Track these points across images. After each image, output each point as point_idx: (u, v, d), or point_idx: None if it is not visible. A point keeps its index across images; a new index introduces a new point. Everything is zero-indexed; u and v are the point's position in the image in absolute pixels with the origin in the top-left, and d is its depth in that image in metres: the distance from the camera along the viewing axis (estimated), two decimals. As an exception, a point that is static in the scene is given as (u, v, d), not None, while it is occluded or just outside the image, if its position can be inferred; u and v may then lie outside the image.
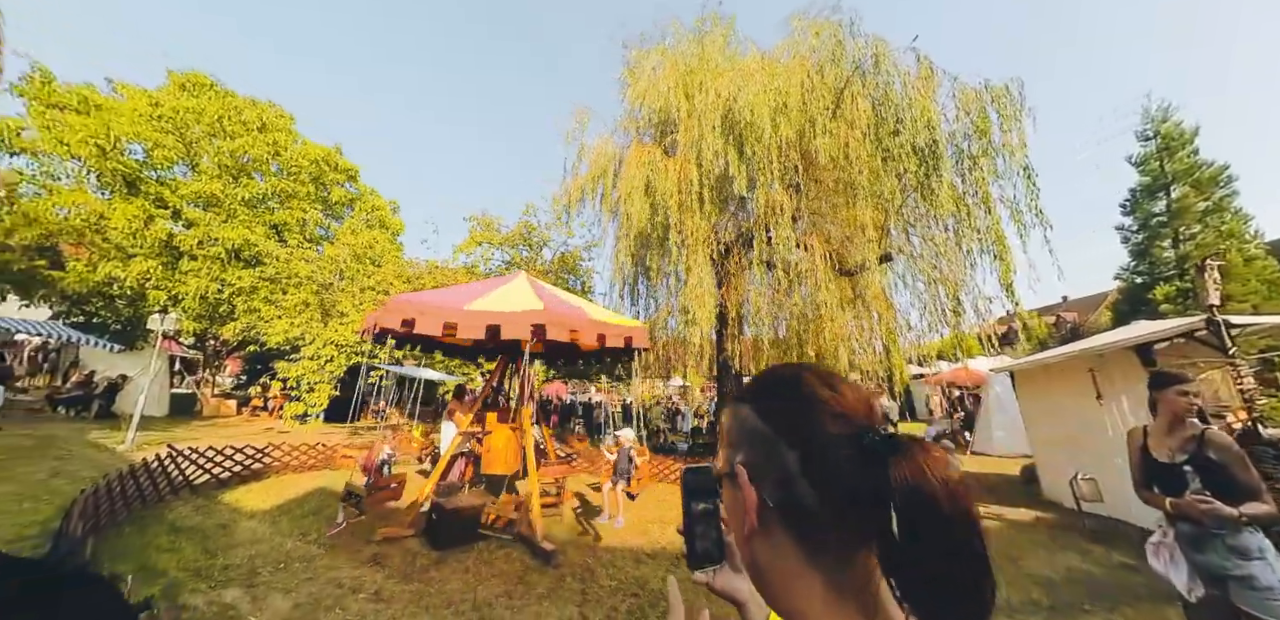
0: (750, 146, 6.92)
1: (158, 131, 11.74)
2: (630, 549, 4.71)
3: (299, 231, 13.54)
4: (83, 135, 10.53)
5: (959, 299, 7.31)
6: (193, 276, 10.89)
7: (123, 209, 10.75)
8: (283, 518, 5.32)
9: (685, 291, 7.40)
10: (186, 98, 12.73)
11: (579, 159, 9.41)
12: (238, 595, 3.42)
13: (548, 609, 3.49)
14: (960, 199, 6.49)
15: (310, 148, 14.44)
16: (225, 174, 12.54)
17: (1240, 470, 1.94)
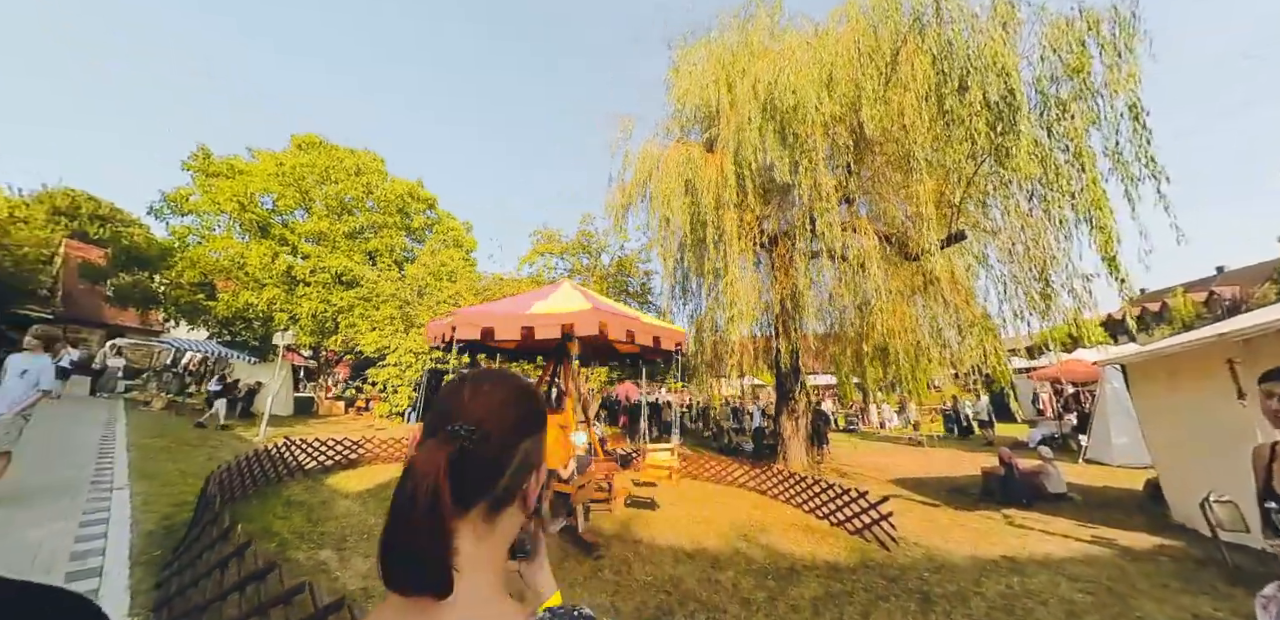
0: (793, 130, 6.44)
1: (281, 185, 14.36)
2: (671, 547, 4.71)
3: (388, 256, 15.55)
4: (229, 194, 13.28)
5: (1048, 279, 6.27)
6: (305, 299, 12.95)
7: (256, 249, 13.17)
8: (370, 499, 6.06)
9: (723, 289, 7.09)
10: (302, 155, 15.39)
11: (624, 166, 9.32)
12: (329, 555, 4.10)
13: (579, 595, 3.64)
14: (1046, 157, 5.41)
15: (396, 184, 16.69)
16: (331, 213, 14.85)
17: None
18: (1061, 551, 4.70)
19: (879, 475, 8.89)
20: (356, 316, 12.82)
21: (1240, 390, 4.39)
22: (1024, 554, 4.62)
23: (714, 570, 4.14)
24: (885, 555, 4.58)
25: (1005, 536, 5.18)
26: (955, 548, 4.78)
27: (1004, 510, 6.22)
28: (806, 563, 4.37)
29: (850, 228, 6.87)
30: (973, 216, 7.01)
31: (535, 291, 6.70)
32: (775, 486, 7.01)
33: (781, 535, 5.20)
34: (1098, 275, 5.95)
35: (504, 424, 0.57)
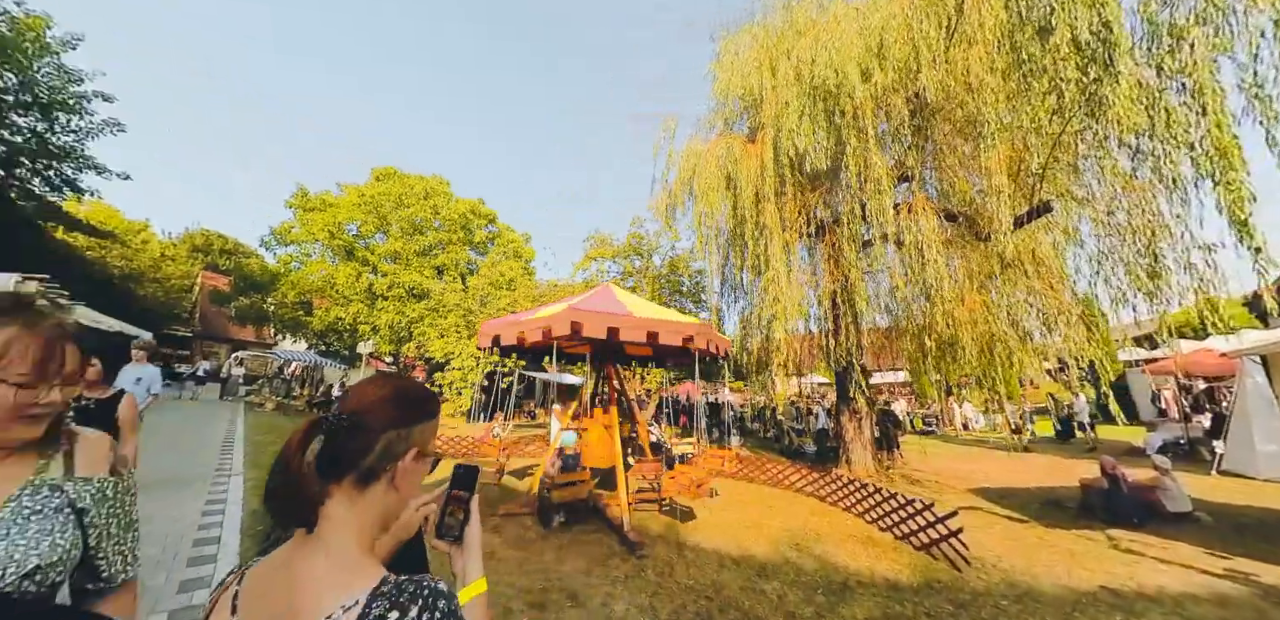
0: (838, 108, 5.85)
1: (363, 213, 16.17)
2: (717, 551, 4.52)
3: (454, 269, 16.76)
4: (320, 225, 15.33)
5: (1157, 253, 5.19)
6: (383, 312, 14.33)
7: (344, 270, 14.85)
8: (434, 490, 6.48)
9: (764, 285, 6.66)
10: (379, 185, 17.12)
11: (668, 167, 9.02)
12: None
13: (619, 592, 3.60)
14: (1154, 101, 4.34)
15: (460, 203, 18.01)
16: (404, 234, 16.27)
17: None
18: (1180, 585, 3.84)
19: (958, 484, 7.99)
20: (426, 326, 13.96)
21: None
22: (1130, 586, 3.84)
23: (760, 579, 3.91)
24: (955, 576, 4.04)
25: (1107, 562, 4.38)
26: (1042, 572, 4.12)
27: (1108, 530, 5.24)
28: (863, 578, 3.96)
29: (907, 209, 6.08)
30: (1061, 184, 5.82)
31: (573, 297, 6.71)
32: (834, 493, 6.53)
33: (837, 546, 4.79)
34: (1221, 245, 4.89)
35: (374, 416, 0.69)
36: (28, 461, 0.87)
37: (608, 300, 5.74)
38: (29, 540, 0.78)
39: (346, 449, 0.67)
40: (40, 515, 0.82)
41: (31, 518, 0.81)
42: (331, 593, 0.57)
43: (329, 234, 15.26)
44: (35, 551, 0.77)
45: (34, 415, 0.82)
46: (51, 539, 0.80)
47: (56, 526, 0.82)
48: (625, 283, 16.46)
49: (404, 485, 0.71)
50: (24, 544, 0.77)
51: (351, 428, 0.67)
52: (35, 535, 0.79)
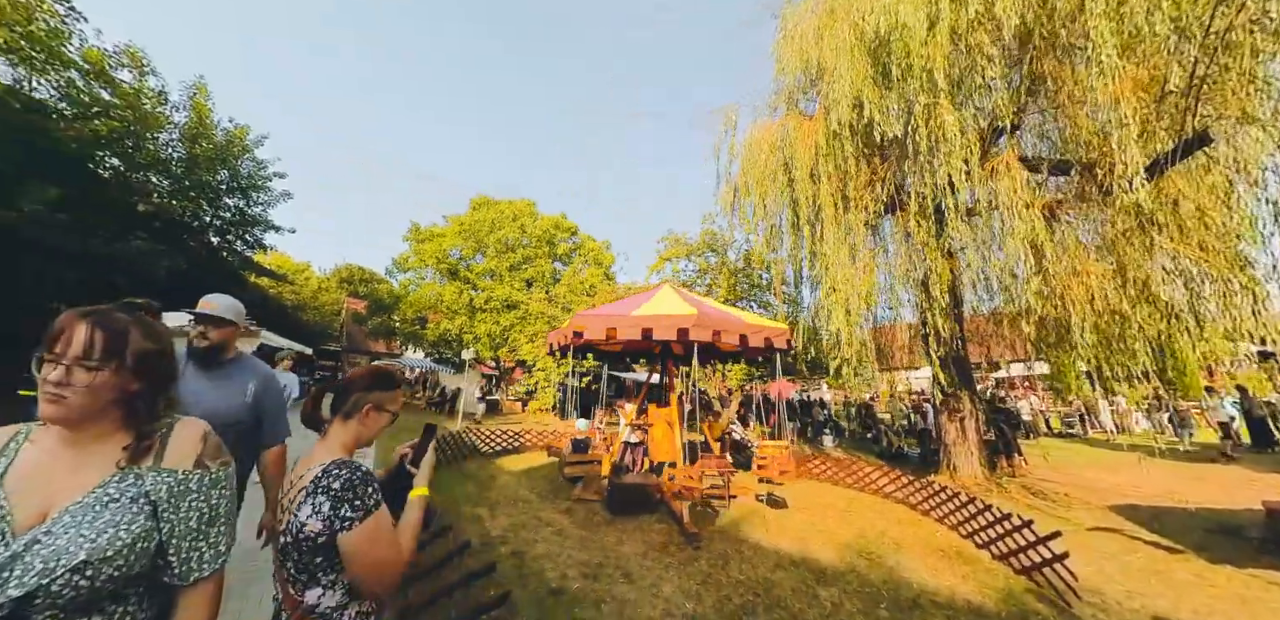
0: (901, 63, 5.00)
1: (463, 239, 18.54)
2: (777, 551, 4.33)
3: (541, 281, 18.22)
4: (430, 253, 17.98)
5: None
6: (482, 323, 16.00)
7: (449, 289, 17.09)
8: (524, 476, 7.27)
9: (817, 274, 6.13)
10: (475, 213, 19.39)
11: (730, 159, 8.33)
12: (484, 512, 5.26)
13: (670, 577, 3.67)
14: None
15: (544, 220, 19.73)
16: (498, 253, 18.10)
17: None
18: None
19: (1094, 499, 6.59)
20: (517, 332, 15.32)
21: None
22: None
23: (817, 584, 3.66)
24: (1059, 610, 3.33)
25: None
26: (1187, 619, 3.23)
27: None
28: (939, 598, 3.48)
29: (991, 171, 5.12)
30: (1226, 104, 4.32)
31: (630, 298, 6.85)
32: (925, 501, 5.81)
33: (919, 559, 4.27)
34: None
35: (353, 385, 1.21)
36: (112, 446, 0.86)
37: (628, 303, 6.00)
38: (93, 530, 0.75)
39: (339, 400, 1.20)
40: (117, 504, 0.80)
41: (109, 506, 0.79)
42: (317, 462, 1.07)
43: (436, 259, 17.79)
44: (90, 544, 0.74)
45: (51, 394, 0.78)
46: (114, 531, 0.77)
47: (126, 518, 0.79)
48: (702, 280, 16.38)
49: (367, 422, 1.21)
50: (86, 535, 0.74)
51: (342, 390, 1.22)
52: (101, 525, 0.76)
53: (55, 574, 0.70)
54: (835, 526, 5.18)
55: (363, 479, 1.03)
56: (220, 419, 1.63)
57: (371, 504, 1.02)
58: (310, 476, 1.03)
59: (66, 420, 0.81)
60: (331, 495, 0.99)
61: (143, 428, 0.88)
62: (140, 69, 10.84)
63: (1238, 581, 3.78)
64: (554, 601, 3.15)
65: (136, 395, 0.87)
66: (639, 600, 3.22)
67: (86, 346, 0.80)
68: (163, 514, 0.83)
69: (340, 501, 0.98)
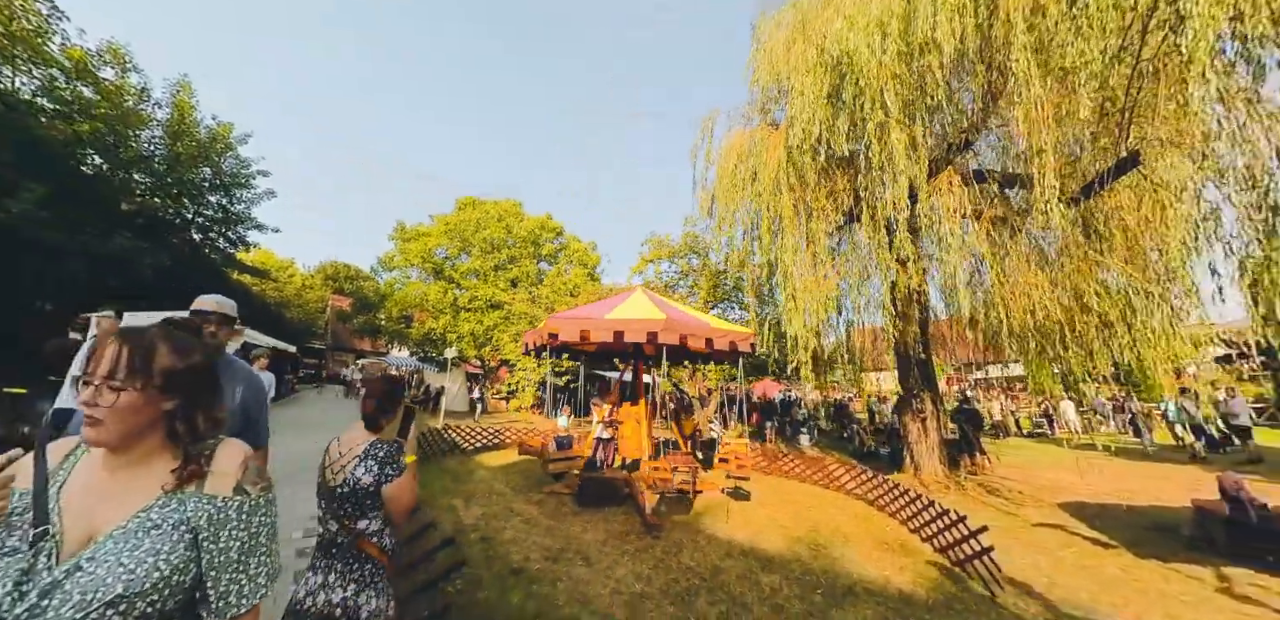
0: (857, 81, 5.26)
1: (449, 238, 18.81)
2: (730, 542, 4.69)
3: (526, 281, 18.48)
4: (416, 252, 18.22)
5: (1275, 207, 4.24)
6: (466, 322, 16.29)
7: (434, 288, 17.39)
8: (501, 472, 7.65)
9: (779, 281, 6.48)
10: (461, 213, 19.65)
11: (707, 165, 8.68)
12: (459, 503, 5.62)
13: (625, 562, 4.04)
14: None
15: (529, 221, 20.06)
16: (483, 253, 18.37)
17: None
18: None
19: (1046, 496, 7.01)
20: (500, 332, 15.66)
21: None
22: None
23: (761, 571, 4.01)
24: (985, 600, 3.63)
25: (1207, 610, 3.50)
26: (1105, 611, 3.46)
27: (1225, 568, 4.20)
28: (873, 586, 3.80)
29: (938, 186, 5.58)
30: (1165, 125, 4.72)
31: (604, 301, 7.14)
32: (881, 497, 6.21)
33: (864, 551, 4.62)
34: None
35: (374, 392, 1.76)
36: (159, 468, 0.83)
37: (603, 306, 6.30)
38: (133, 559, 0.73)
39: (382, 408, 1.74)
40: (158, 531, 0.77)
41: (151, 533, 0.77)
42: (359, 441, 1.65)
43: (422, 259, 18.08)
44: (128, 576, 0.72)
45: (87, 416, 0.78)
46: (154, 561, 0.74)
47: (167, 547, 0.76)
48: (684, 281, 16.79)
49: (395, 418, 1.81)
50: (126, 565, 0.73)
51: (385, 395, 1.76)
52: (141, 555, 0.74)
53: (90, 608, 0.69)
54: (791, 520, 5.55)
55: (398, 450, 1.65)
56: None
57: (403, 467, 1.61)
58: (359, 449, 1.61)
59: (104, 442, 0.80)
60: (379, 460, 1.58)
61: (188, 449, 0.85)
62: (123, 66, 10.97)
63: (1159, 575, 4.06)
64: (514, 579, 3.49)
65: (173, 414, 0.84)
66: (592, 580, 3.57)
67: (113, 365, 0.80)
68: (203, 543, 0.80)
69: (384, 464, 1.58)
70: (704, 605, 3.30)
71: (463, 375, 17.03)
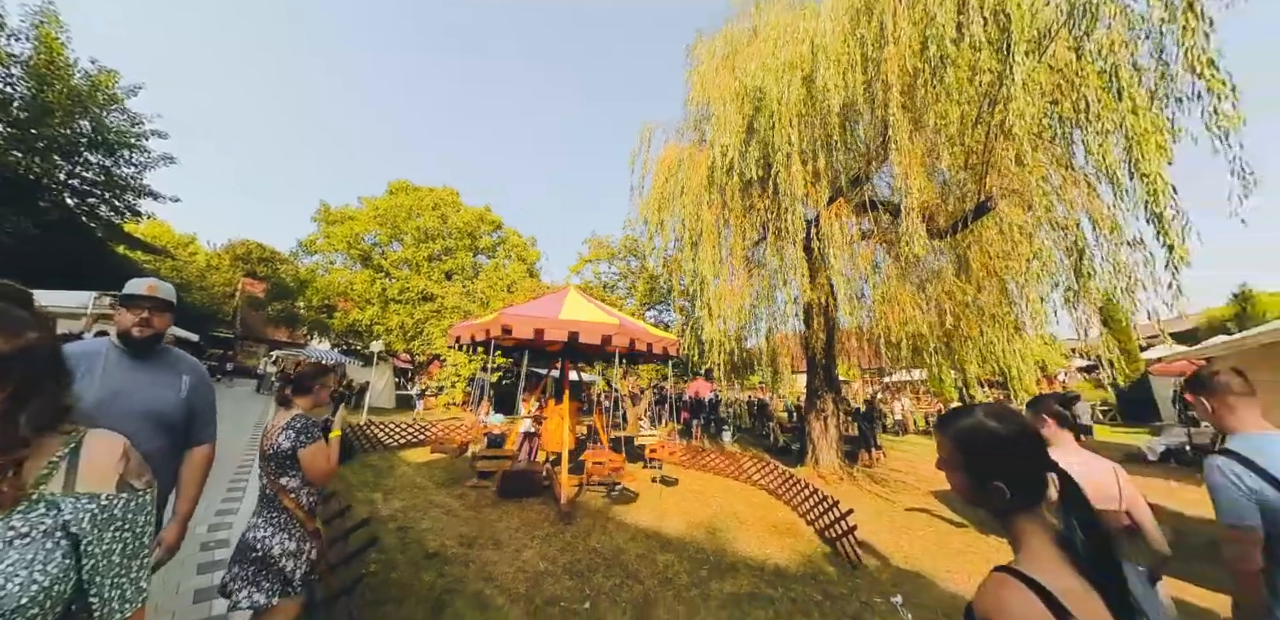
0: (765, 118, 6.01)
1: (379, 224, 17.98)
2: (637, 527, 5.27)
3: (461, 274, 18.17)
4: (341, 237, 17.23)
5: (1080, 250, 5.43)
6: (394, 314, 15.84)
7: (361, 276, 16.59)
8: (425, 467, 7.83)
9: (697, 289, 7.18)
10: (393, 198, 18.87)
11: (644, 174, 9.33)
12: (378, 497, 5.81)
13: (534, 546, 4.50)
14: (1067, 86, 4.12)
15: (467, 211, 19.59)
16: (415, 243, 17.84)
17: None
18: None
19: (924, 486, 8.21)
20: (431, 326, 15.40)
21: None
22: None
23: (659, 551, 4.58)
24: (847, 571, 4.33)
25: None
26: (944, 578, 4.13)
27: None
28: (753, 562, 4.44)
29: (837, 214, 6.50)
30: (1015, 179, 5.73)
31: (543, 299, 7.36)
32: (779, 487, 7.08)
33: (752, 534, 5.31)
34: (1140, 241, 5.04)
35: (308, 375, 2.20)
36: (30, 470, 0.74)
37: (551, 303, 6.54)
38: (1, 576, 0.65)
39: (300, 384, 2.16)
40: (26, 540, 0.69)
41: (15, 543, 0.68)
42: (286, 417, 2.06)
43: (348, 244, 17.16)
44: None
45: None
46: (27, 574, 0.67)
47: (40, 556, 0.69)
48: (624, 282, 17.31)
49: (319, 396, 2.22)
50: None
51: (301, 378, 2.17)
52: (9, 569, 0.66)
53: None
54: (697, 508, 6.25)
55: (312, 424, 2.06)
56: (157, 416, 1.76)
57: (316, 436, 2.02)
58: (285, 421, 2.03)
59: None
60: (297, 430, 1.99)
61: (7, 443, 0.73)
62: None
63: (992, 547, 4.94)
64: (428, 562, 3.86)
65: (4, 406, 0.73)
66: (501, 561, 4.01)
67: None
68: (86, 548, 0.74)
69: (300, 433, 1.99)
70: (600, 579, 3.83)
71: (390, 370, 16.52)
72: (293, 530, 1.96)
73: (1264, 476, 1.49)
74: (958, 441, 0.96)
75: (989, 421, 0.94)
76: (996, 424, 0.93)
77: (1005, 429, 0.92)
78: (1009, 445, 0.92)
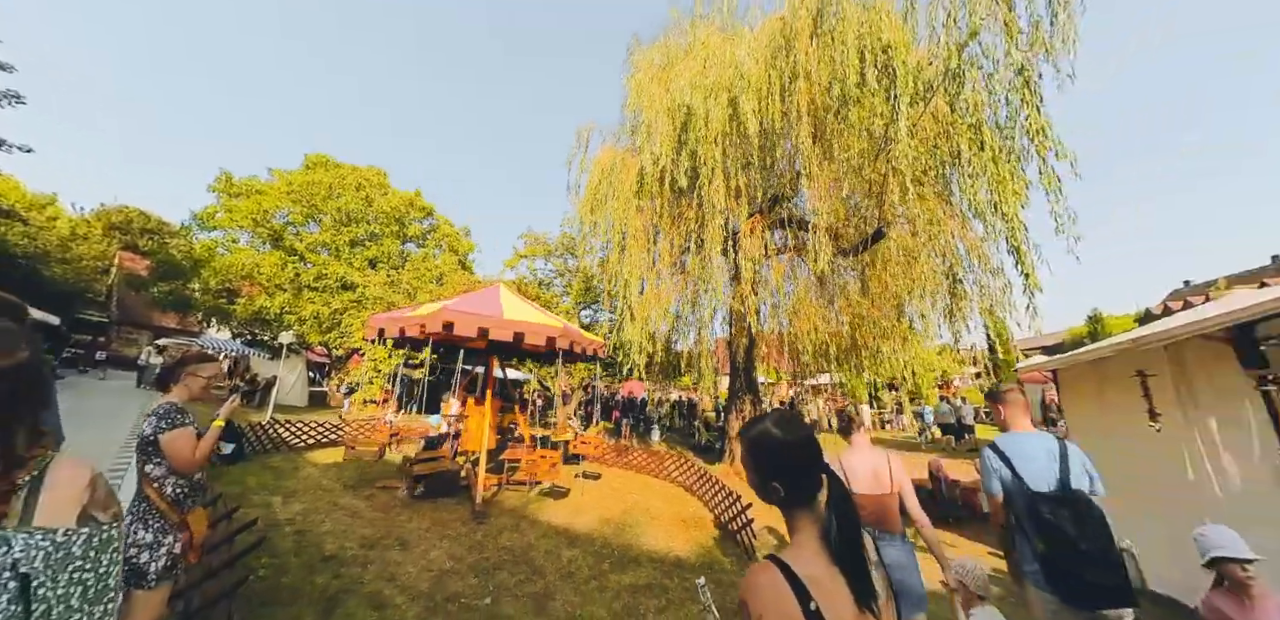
0: (693, 134, 6.40)
1: (292, 201, 16.45)
2: (549, 524, 5.49)
3: (387, 262, 17.20)
4: (245, 212, 15.58)
5: (955, 275, 6.36)
6: (309, 303, 14.73)
7: (271, 259, 15.15)
8: (332, 468, 7.52)
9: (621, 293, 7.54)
10: (310, 173, 17.39)
11: (580, 173, 9.46)
12: (277, 501, 5.56)
13: (443, 545, 4.60)
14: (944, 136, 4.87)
15: (395, 195, 18.47)
16: (336, 225, 16.57)
17: None
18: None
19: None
20: (351, 317, 14.52)
21: (1152, 409, 3.93)
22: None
23: (567, 547, 4.84)
24: (743, 561, 4.67)
25: None
26: None
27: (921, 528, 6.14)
28: (656, 554, 4.77)
29: (753, 229, 7.07)
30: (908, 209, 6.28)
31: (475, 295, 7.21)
32: (694, 483, 7.58)
33: (660, 528, 5.70)
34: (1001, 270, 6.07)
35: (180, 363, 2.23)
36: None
37: (487, 301, 6.45)
38: None
39: (171, 372, 2.19)
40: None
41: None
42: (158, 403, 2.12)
43: (254, 221, 15.56)
44: None
45: None
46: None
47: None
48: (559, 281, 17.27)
49: (189, 384, 2.20)
50: None
51: (174, 365, 2.21)
52: None
53: None
54: (612, 504, 6.58)
55: (176, 410, 2.09)
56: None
57: (178, 423, 2.06)
58: (153, 408, 2.07)
59: None
60: (159, 416, 2.04)
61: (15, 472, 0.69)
62: None
63: None
64: (323, 565, 3.86)
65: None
66: (405, 562, 4.09)
67: None
68: (37, 591, 0.66)
69: (162, 419, 2.03)
70: (504, 575, 4.03)
71: (303, 364, 15.32)
72: (150, 521, 1.94)
73: (1004, 460, 2.28)
74: (748, 445, 1.09)
75: (773, 429, 1.06)
76: (778, 431, 1.05)
77: (784, 435, 1.05)
78: (786, 449, 1.04)
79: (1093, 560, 1.98)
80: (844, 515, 0.97)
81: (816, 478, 1.03)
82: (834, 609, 0.87)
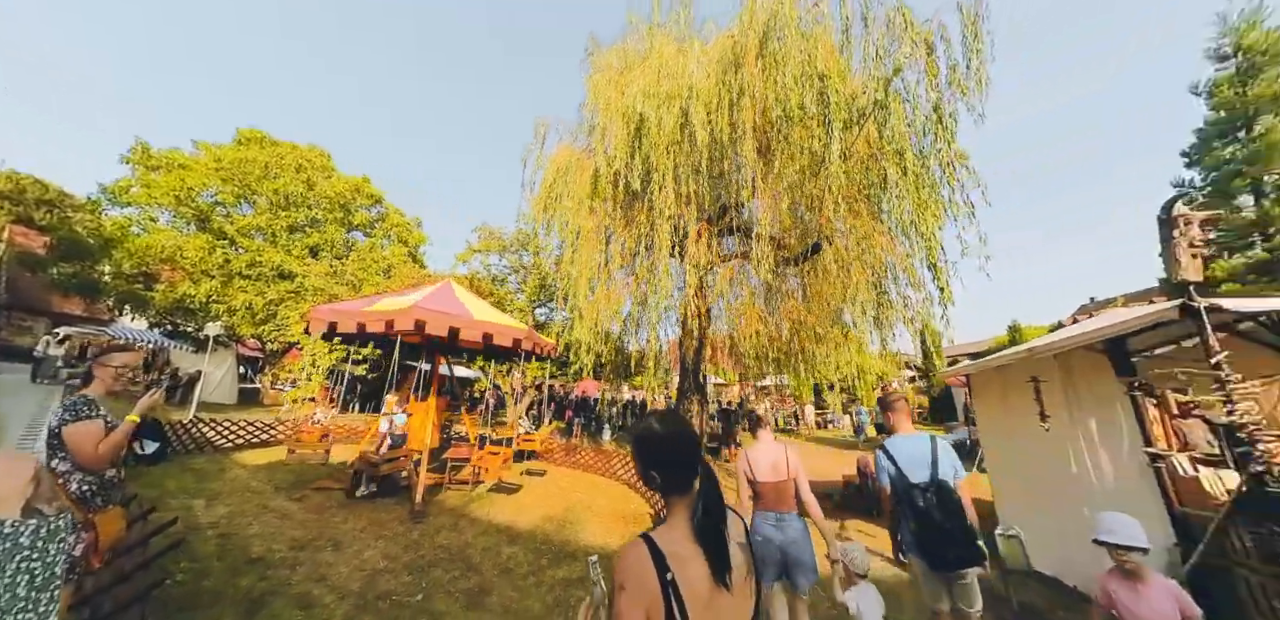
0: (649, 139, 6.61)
1: (221, 179, 15.22)
2: (489, 523, 5.58)
3: (330, 251, 16.31)
4: (166, 188, 14.27)
5: (881, 287, 6.85)
6: (240, 292, 13.78)
7: (196, 241, 14.02)
8: (264, 470, 7.25)
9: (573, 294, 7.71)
10: (243, 150, 16.15)
11: (536, 170, 9.36)
12: (200, 504, 5.36)
13: (378, 546, 4.62)
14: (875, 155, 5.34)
15: (339, 180, 17.49)
16: (272, 208, 15.51)
17: None
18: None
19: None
20: (288, 309, 13.74)
21: (1042, 411, 4.39)
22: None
23: (506, 545, 4.96)
24: None
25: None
26: None
27: (850, 519, 6.34)
28: (592, 549, 4.88)
29: (700, 235, 7.39)
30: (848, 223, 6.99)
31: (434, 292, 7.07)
32: (638, 480, 7.86)
33: (599, 524, 5.91)
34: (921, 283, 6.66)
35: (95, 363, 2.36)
36: None
37: (448, 299, 6.42)
38: None
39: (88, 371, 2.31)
40: None
41: None
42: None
43: (177, 199, 14.24)
44: None
45: None
46: None
47: None
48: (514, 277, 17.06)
49: (101, 376, 2.31)
50: None
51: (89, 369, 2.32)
52: None
53: None
54: (556, 502, 6.74)
55: (83, 403, 2.14)
56: None
57: (82, 416, 2.09)
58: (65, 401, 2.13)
59: None
60: (65, 408, 2.10)
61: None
62: None
63: None
64: (249, 567, 3.83)
65: None
66: (337, 562, 4.10)
67: None
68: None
69: (66, 410, 2.09)
70: (439, 573, 4.12)
71: (233, 358, 14.34)
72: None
73: (890, 459, 2.79)
74: (633, 438, 1.20)
75: (655, 424, 1.17)
76: (659, 427, 1.16)
77: (664, 431, 1.15)
78: (664, 442, 1.15)
79: (951, 535, 2.51)
80: (711, 501, 1.09)
81: (692, 468, 1.13)
82: (689, 582, 1.00)
